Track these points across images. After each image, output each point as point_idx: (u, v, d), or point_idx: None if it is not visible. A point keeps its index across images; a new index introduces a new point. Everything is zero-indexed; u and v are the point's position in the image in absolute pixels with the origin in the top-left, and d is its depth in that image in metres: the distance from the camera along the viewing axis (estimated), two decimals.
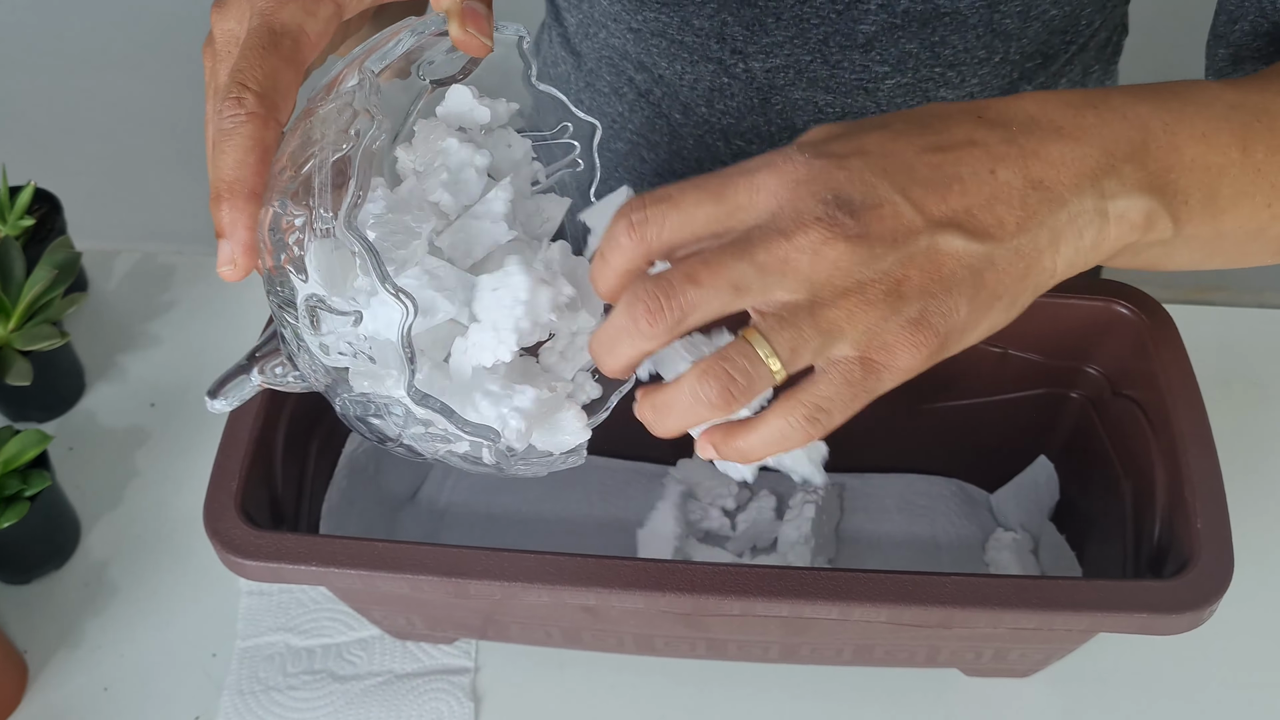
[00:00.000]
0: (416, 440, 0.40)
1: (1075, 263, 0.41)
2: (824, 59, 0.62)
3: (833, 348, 0.38)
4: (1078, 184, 0.40)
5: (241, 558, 0.48)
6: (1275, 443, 0.67)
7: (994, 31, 0.61)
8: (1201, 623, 0.45)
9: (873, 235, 0.37)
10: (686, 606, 0.46)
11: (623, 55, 0.69)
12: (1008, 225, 0.39)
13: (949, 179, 0.39)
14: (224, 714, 0.58)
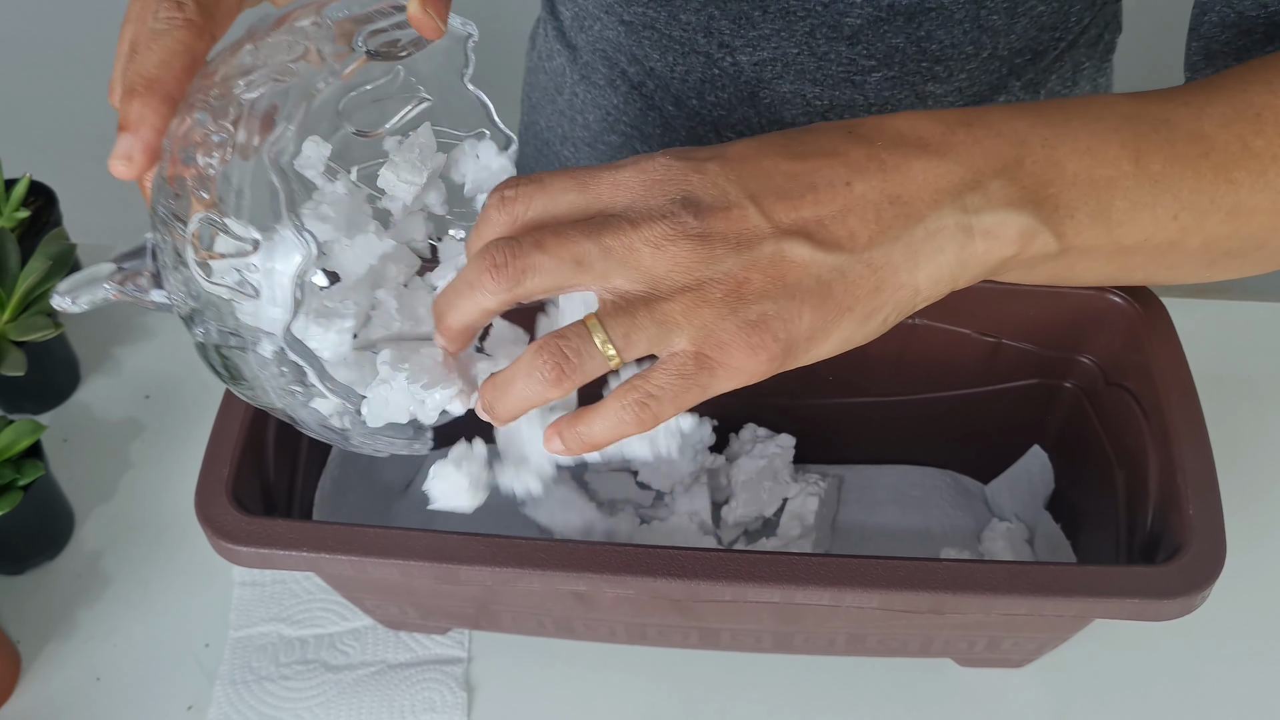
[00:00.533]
0: (271, 385, 0.40)
1: (940, 279, 0.41)
2: (810, 51, 0.62)
3: (669, 340, 0.39)
4: (937, 200, 0.40)
5: (232, 543, 0.48)
6: (1267, 437, 0.67)
7: (980, 27, 0.61)
8: (1194, 609, 0.45)
9: (715, 236, 0.39)
10: (678, 592, 0.46)
11: (616, 48, 0.69)
12: (860, 238, 0.40)
13: (804, 188, 0.40)
14: (216, 704, 0.58)
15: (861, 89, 0.63)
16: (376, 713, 0.57)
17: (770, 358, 0.39)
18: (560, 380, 0.39)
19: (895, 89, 0.64)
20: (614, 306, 0.39)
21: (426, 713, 0.57)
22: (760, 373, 0.40)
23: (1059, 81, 0.67)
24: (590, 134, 0.74)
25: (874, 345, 0.58)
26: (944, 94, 0.64)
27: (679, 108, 0.68)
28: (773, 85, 0.64)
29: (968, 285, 0.42)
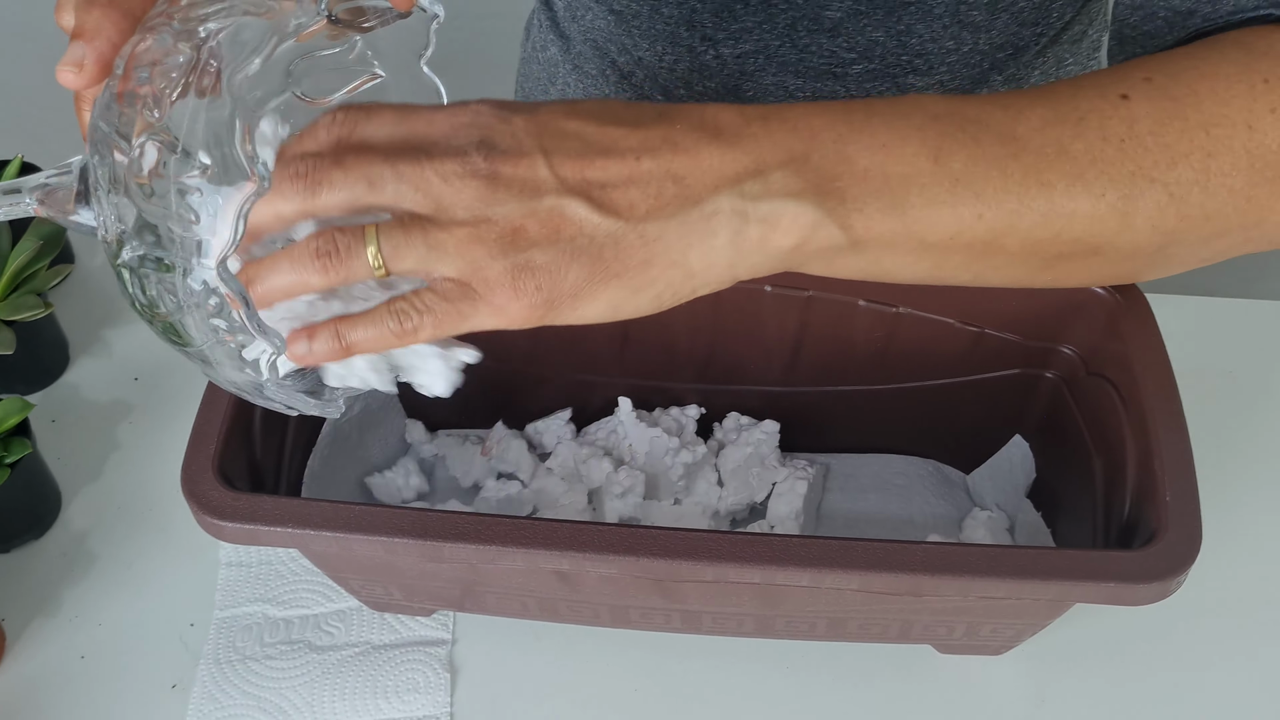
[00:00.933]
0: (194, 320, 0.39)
1: (714, 263, 0.42)
2: (792, 43, 0.63)
3: (437, 266, 0.41)
4: (717, 185, 0.41)
5: (218, 519, 0.48)
6: (1247, 430, 0.68)
7: (960, 22, 0.62)
8: (1169, 593, 0.46)
9: (500, 179, 0.41)
10: (660, 571, 0.47)
11: (606, 38, 0.69)
12: (638, 209, 0.41)
13: (595, 153, 0.42)
14: (200, 683, 0.58)
15: (843, 81, 0.64)
16: (360, 693, 0.58)
17: (532, 305, 0.41)
18: (325, 271, 0.41)
19: (877, 81, 0.64)
20: (394, 224, 0.41)
21: (410, 693, 0.58)
22: (521, 318, 0.42)
23: (1042, 78, 0.68)
24: None
25: (858, 333, 0.59)
26: (925, 87, 0.65)
27: (667, 97, 0.68)
28: (756, 77, 0.65)
29: (752, 275, 0.43)
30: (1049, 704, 0.57)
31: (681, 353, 0.62)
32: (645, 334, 0.60)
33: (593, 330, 0.60)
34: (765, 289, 0.57)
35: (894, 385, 0.61)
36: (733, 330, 0.60)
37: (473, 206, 0.41)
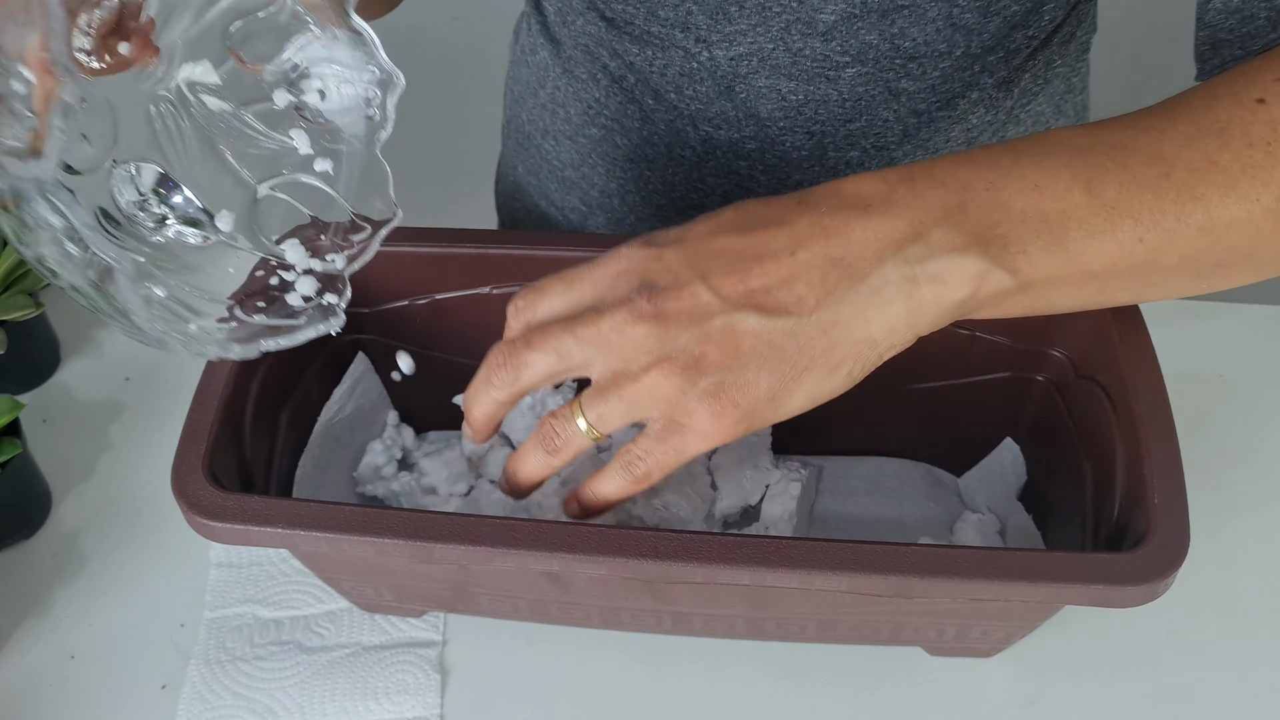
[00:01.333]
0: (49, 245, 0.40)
1: (895, 329, 0.44)
2: (785, 47, 0.63)
3: (642, 413, 0.44)
4: (879, 256, 0.43)
5: (208, 519, 0.48)
6: (1238, 433, 0.68)
7: (954, 25, 0.62)
8: (1158, 595, 0.46)
9: (669, 316, 0.43)
10: (650, 573, 0.46)
11: (598, 42, 0.70)
12: (807, 302, 0.43)
13: (751, 261, 0.43)
14: (190, 683, 0.58)
15: (836, 84, 0.64)
16: (350, 694, 0.58)
17: (735, 421, 0.43)
18: (555, 454, 0.47)
19: (869, 85, 0.64)
20: (593, 389, 0.45)
21: (400, 694, 0.58)
22: (729, 434, 0.44)
23: (1032, 80, 0.68)
24: (571, 127, 0.75)
25: None
26: (917, 90, 0.65)
27: (658, 101, 0.69)
28: (749, 80, 0.65)
29: (932, 329, 0.45)
30: (1039, 706, 0.57)
31: None
32: None
33: None
34: None
35: (886, 388, 0.61)
36: None
37: (652, 349, 0.43)
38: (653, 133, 0.70)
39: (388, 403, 0.64)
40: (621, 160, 0.73)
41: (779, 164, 0.69)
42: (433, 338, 0.62)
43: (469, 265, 0.58)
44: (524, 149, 0.81)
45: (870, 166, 0.69)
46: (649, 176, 0.73)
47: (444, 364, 0.63)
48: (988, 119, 0.68)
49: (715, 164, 0.70)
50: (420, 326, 0.61)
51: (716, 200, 0.72)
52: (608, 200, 0.76)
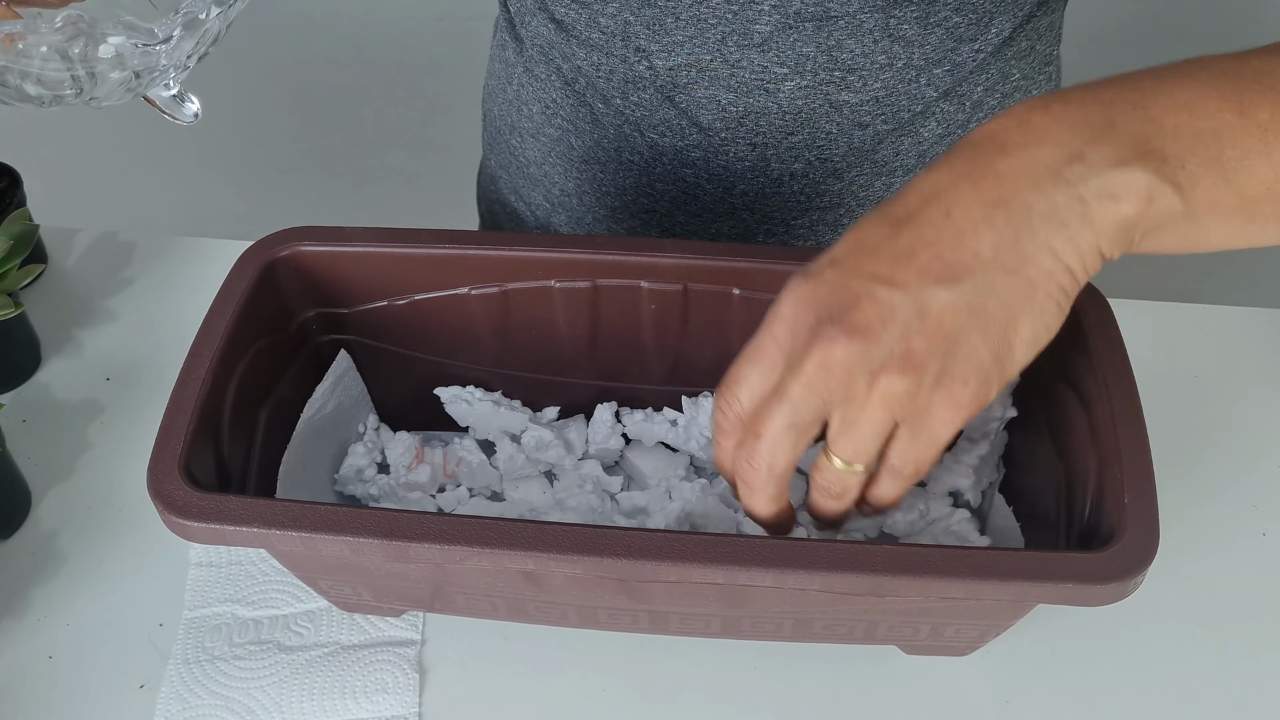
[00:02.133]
0: None
1: (1084, 249, 0.42)
2: (723, 58, 0.63)
3: (887, 425, 0.43)
4: (1037, 184, 0.41)
5: (184, 519, 0.48)
6: (1212, 433, 0.69)
7: (891, 37, 0.62)
8: (1128, 594, 0.46)
9: (860, 329, 0.41)
10: (624, 572, 0.47)
11: (550, 44, 0.70)
12: (983, 253, 0.41)
13: (911, 241, 0.42)
14: (169, 682, 0.58)
15: (775, 97, 0.64)
16: (329, 693, 0.58)
17: (972, 397, 0.42)
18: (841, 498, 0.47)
19: (809, 98, 0.64)
20: (834, 431, 0.44)
21: (379, 693, 0.58)
22: (972, 410, 0.43)
23: (986, 92, 0.68)
24: (534, 125, 0.75)
25: None
26: (859, 103, 0.65)
27: (606, 105, 0.69)
28: (688, 90, 0.65)
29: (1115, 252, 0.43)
30: (1014, 704, 0.58)
31: (651, 356, 0.62)
32: (614, 337, 0.61)
33: (562, 333, 0.61)
34: (733, 292, 0.58)
35: None
36: (701, 333, 0.60)
37: (862, 367, 0.42)
38: (603, 136, 0.71)
39: (368, 402, 0.65)
40: (577, 161, 0.73)
41: (723, 173, 0.69)
42: (412, 337, 0.62)
43: (447, 265, 0.58)
44: (495, 144, 0.82)
45: (815, 179, 0.69)
46: (602, 179, 0.73)
47: (424, 364, 0.63)
48: (939, 132, 0.68)
49: (662, 170, 0.70)
50: (400, 326, 0.61)
51: (665, 205, 0.72)
52: (567, 199, 0.77)
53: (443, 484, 0.63)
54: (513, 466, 0.63)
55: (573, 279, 0.58)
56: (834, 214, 0.70)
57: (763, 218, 0.71)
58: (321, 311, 0.60)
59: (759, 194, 0.69)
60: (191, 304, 0.75)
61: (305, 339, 0.61)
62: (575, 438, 0.64)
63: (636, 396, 0.64)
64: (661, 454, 0.64)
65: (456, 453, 0.63)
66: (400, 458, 0.62)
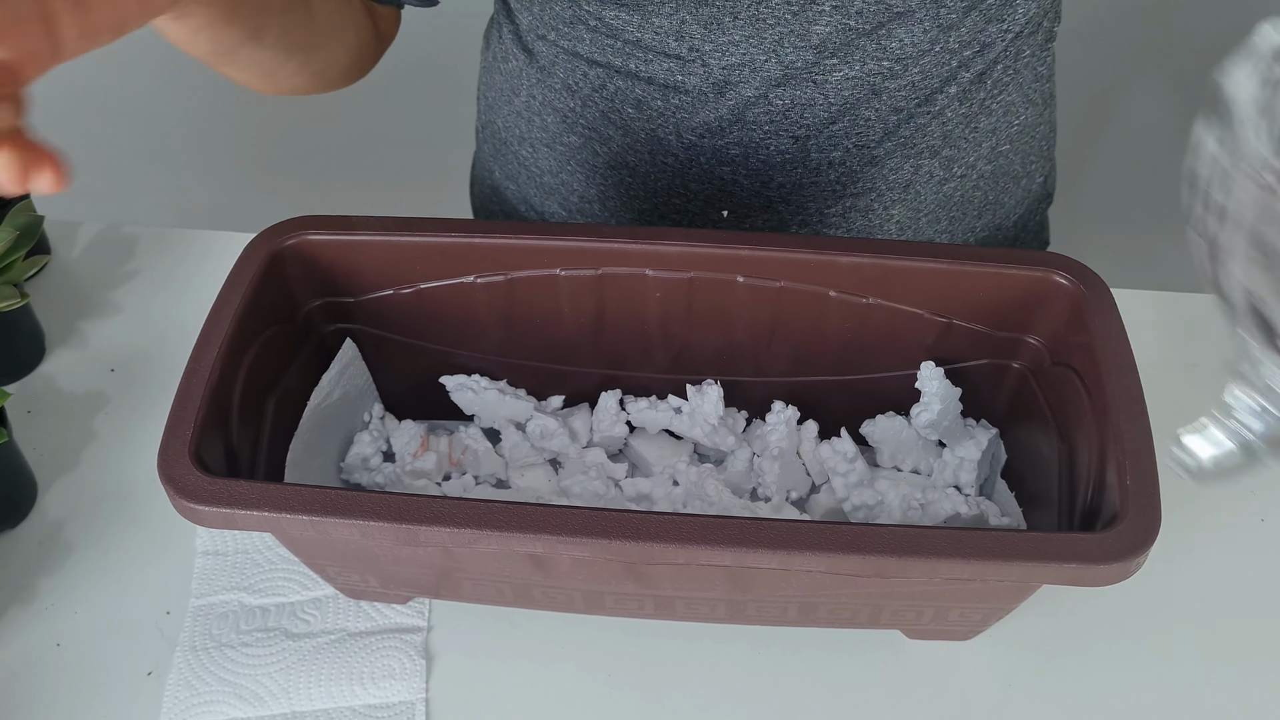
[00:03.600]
0: None
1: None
2: (778, 58, 0.64)
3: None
4: None
5: (193, 503, 0.48)
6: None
7: (939, 25, 0.63)
8: (1130, 574, 0.47)
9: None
10: (632, 554, 0.47)
11: (574, 54, 0.70)
12: None
13: None
14: (176, 669, 0.59)
15: (823, 89, 0.65)
16: (336, 679, 0.58)
17: None
18: None
19: (855, 88, 0.65)
20: None
21: (386, 679, 0.58)
22: None
23: (1003, 71, 0.69)
24: (549, 135, 0.75)
25: (829, 324, 0.60)
26: (898, 89, 0.66)
27: (640, 110, 0.69)
28: (738, 89, 0.66)
29: None
30: (1015, 688, 0.58)
31: (655, 343, 0.62)
32: (619, 325, 0.61)
33: (567, 321, 0.61)
34: (738, 280, 0.58)
35: (865, 375, 0.62)
36: (705, 321, 0.61)
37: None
38: (634, 140, 0.71)
39: (374, 391, 0.65)
40: (602, 168, 0.73)
41: (762, 168, 0.70)
42: (418, 327, 0.62)
43: (453, 255, 0.59)
44: (501, 155, 0.81)
45: (852, 166, 0.70)
46: (630, 183, 0.73)
47: (429, 353, 0.64)
48: (962, 112, 0.69)
49: (698, 170, 0.71)
50: (406, 315, 0.61)
51: (699, 205, 0.73)
52: (588, 206, 0.77)
53: (448, 472, 0.64)
54: (518, 454, 0.63)
55: (578, 267, 0.58)
56: (865, 199, 0.71)
57: (798, 208, 0.72)
58: (327, 301, 0.61)
59: (795, 185, 0.70)
60: (194, 296, 0.75)
61: (311, 328, 0.61)
62: (580, 426, 0.64)
63: (640, 385, 0.65)
64: (665, 441, 0.64)
65: (462, 441, 0.64)
66: (406, 446, 0.63)
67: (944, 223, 0.74)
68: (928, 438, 0.63)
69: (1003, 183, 0.75)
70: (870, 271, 0.57)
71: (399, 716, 0.57)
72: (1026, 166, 0.77)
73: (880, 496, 0.61)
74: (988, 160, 0.73)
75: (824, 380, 0.63)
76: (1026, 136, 0.75)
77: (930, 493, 0.60)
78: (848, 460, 0.61)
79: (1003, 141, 0.73)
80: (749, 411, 0.65)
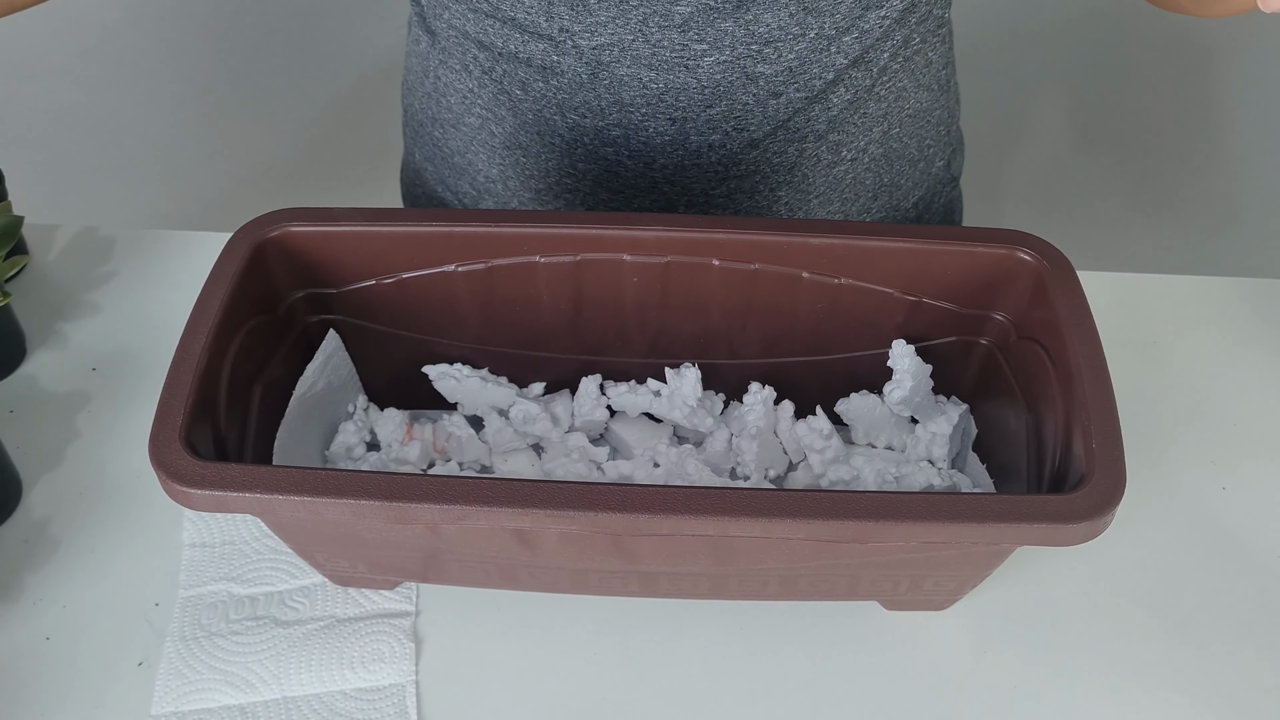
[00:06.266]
0: None
1: None
2: (645, 38, 0.66)
3: None
4: None
5: (186, 486, 0.49)
6: (1171, 396, 0.72)
7: (806, 9, 0.65)
8: (1099, 533, 0.49)
9: None
10: (618, 526, 0.48)
11: (465, 35, 0.72)
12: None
13: None
14: (167, 658, 0.59)
15: (695, 73, 0.68)
16: (327, 664, 0.59)
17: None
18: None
19: (727, 72, 0.68)
20: None
21: (376, 663, 0.59)
22: None
23: (891, 57, 0.71)
24: (453, 115, 0.78)
25: (801, 305, 0.62)
26: (774, 74, 0.68)
27: (525, 91, 0.71)
28: (611, 69, 0.68)
29: None
30: (989, 654, 0.60)
31: (633, 328, 0.64)
32: (597, 311, 0.63)
33: (545, 308, 0.63)
34: (713, 263, 0.60)
35: (838, 355, 0.64)
36: (682, 305, 0.62)
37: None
38: (523, 121, 0.73)
39: (357, 382, 0.66)
40: (499, 148, 0.76)
41: (644, 149, 0.72)
42: (399, 317, 0.63)
43: (434, 243, 0.60)
44: (419, 137, 0.84)
45: (733, 149, 0.72)
46: (524, 163, 0.76)
47: (410, 343, 0.65)
48: (848, 98, 0.71)
49: (583, 150, 0.73)
50: (387, 305, 0.62)
51: (589, 184, 0.75)
52: (492, 185, 0.79)
53: (432, 460, 0.65)
54: (501, 440, 0.64)
55: (557, 254, 0.60)
56: (750, 181, 0.74)
57: (683, 190, 0.74)
58: (310, 292, 0.62)
59: (678, 167, 0.72)
60: (172, 295, 0.76)
61: (294, 320, 0.62)
62: (561, 411, 0.65)
63: (619, 369, 0.66)
64: (645, 424, 0.66)
65: (446, 428, 0.65)
66: (392, 434, 0.64)
67: (836, 204, 0.76)
68: (900, 414, 0.64)
69: (898, 165, 0.77)
70: (841, 252, 0.59)
71: (389, 699, 0.58)
72: (924, 150, 0.78)
73: (856, 472, 0.62)
74: (879, 144, 0.75)
75: (798, 361, 0.64)
76: (921, 121, 0.76)
77: (904, 467, 0.62)
78: (823, 438, 0.63)
79: (894, 125, 0.75)
80: (726, 393, 0.66)
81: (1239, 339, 0.75)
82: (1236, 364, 0.74)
